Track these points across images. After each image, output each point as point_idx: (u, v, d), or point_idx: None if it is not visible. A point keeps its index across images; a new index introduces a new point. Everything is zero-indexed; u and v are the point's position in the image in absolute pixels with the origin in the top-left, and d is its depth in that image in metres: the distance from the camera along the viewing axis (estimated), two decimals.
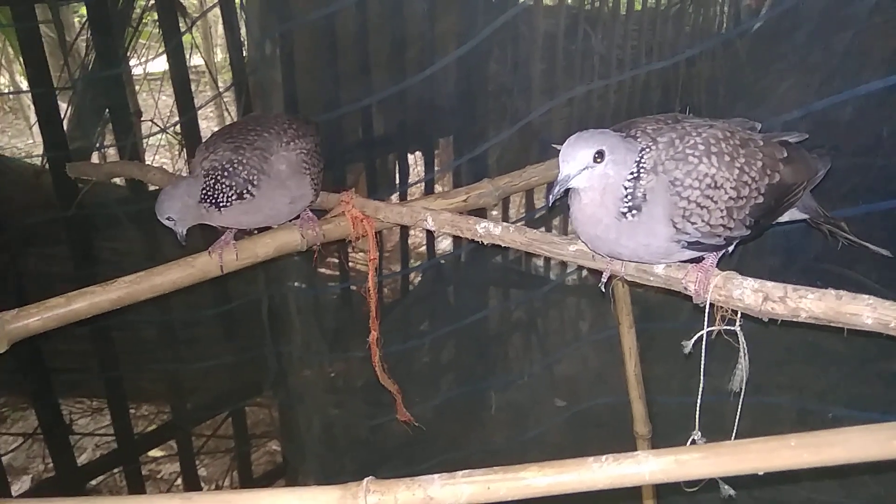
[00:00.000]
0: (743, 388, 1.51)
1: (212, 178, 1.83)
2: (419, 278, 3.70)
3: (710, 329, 1.45)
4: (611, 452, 1.14)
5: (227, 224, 1.92)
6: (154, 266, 1.80)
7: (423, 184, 3.86)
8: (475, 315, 2.74)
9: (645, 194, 1.39)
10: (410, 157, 3.93)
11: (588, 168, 1.38)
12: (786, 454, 1.01)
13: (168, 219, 1.86)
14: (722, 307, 1.43)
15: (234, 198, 1.83)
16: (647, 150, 1.42)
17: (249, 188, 1.84)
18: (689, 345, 1.48)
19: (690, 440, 1.51)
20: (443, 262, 3.32)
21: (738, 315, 1.42)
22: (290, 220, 1.98)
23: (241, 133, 1.91)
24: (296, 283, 3.01)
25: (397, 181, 3.72)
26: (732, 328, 1.44)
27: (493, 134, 2.83)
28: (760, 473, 1.02)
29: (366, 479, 1.12)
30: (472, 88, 3.19)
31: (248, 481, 4.11)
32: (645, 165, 1.40)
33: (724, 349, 1.51)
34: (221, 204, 1.83)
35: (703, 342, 1.46)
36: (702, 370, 1.50)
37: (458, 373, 2.85)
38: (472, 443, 2.71)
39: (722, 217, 1.40)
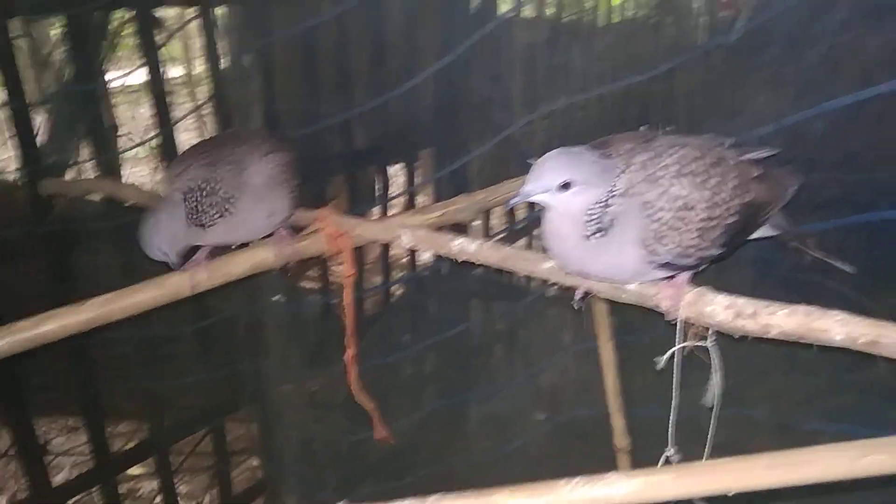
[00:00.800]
0: (716, 403, 1.52)
1: (193, 199, 1.81)
2: (401, 291, 3.69)
3: (681, 346, 1.45)
4: (591, 465, 1.14)
5: (212, 243, 1.90)
6: (130, 282, 1.78)
7: (403, 197, 3.87)
8: (456, 328, 2.74)
9: (613, 220, 1.39)
10: (391, 170, 3.94)
11: (550, 192, 1.38)
12: (759, 474, 1.02)
13: (161, 253, 1.81)
14: (694, 324, 1.43)
15: (216, 216, 1.81)
16: (622, 172, 1.42)
17: (227, 206, 1.82)
18: (661, 361, 1.48)
19: (664, 457, 1.52)
20: (424, 273, 3.31)
21: (710, 331, 1.43)
22: (266, 237, 1.96)
23: (214, 148, 1.90)
24: (275, 298, 2.99)
25: (378, 194, 3.72)
26: (703, 345, 1.44)
27: (474, 146, 2.83)
28: (730, 494, 1.02)
29: (340, 503, 1.11)
30: (452, 101, 3.20)
31: (228, 498, 4.06)
32: (617, 189, 1.40)
33: (703, 361, 1.52)
34: (206, 224, 1.81)
35: (676, 358, 1.47)
36: (674, 387, 1.50)
37: (440, 385, 2.84)
38: (454, 456, 2.70)
39: (694, 238, 1.40)
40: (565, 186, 1.37)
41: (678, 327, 1.44)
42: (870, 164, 1.84)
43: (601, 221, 1.39)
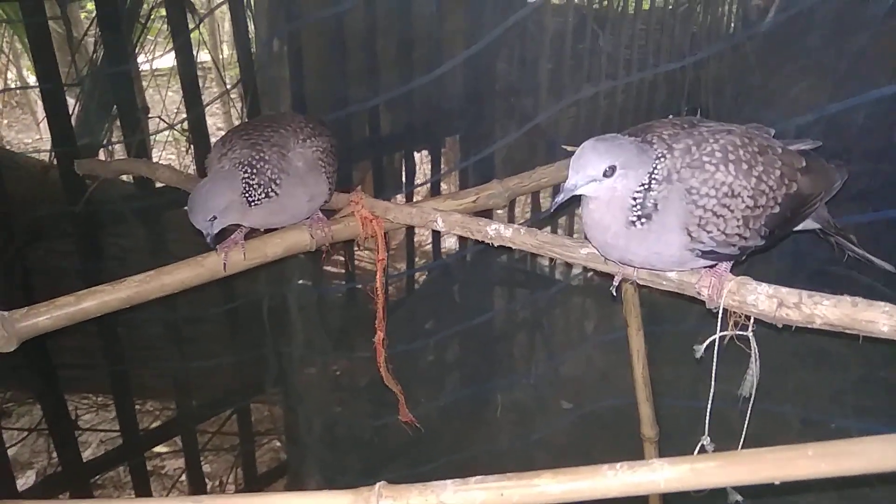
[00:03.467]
0: (753, 393, 1.50)
1: (246, 174, 1.80)
2: (424, 277, 3.68)
3: (722, 334, 1.43)
4: (617, 455, 1.13)
5: (254, 224, 1.90)
6: (159, 263, 1.78)
7: (429, 184, 3.85)
8: (481, 315, 2.73)
9: (656, 204, 1.37)
10: (417, 157, 3.92)
11: (596, 181, 1.37)
12: (802, 464, 1.00)
13: (210, 219, 1.76)
14: (735, 312, 1.41)
15: (262, 196, 1.80)
16: (662, 158, 1.39)
17: (273, 187, 1.82)
18: (700, 349, 1.46)
19: (700, 446, 1.50)
20: (448, 261, 3.30)
21: (751, 321, 1.41)
22: (300, 221, 1.96)
23: (256, 130, 1.90)
24: (301, 282, 3.00)
25: (404, 180, 3.70)
26: (745, 334, 1.42)
27: (500, 134, 2.81)
28: (776, 483, 1.01)
29: (378, 484, 1.11)
30: (479, 88, 3.17)
31: (252, 478, 4.10)
32: (658, 175, 1.37)
33: (730, 353, 1.50)
34: (253, 202, 1.81)
35: (715, 347, 1.45)
36: (713, 376, 1.48)
37: (464, 373, 2.83)
38: (478, 444, 2.69)
39: (738, 226, 1.38)
40: (611, 171, 1.36)
41: (719, 316, 1.42)
42: None
43: (644, 207, 1.37)
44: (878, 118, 1.83)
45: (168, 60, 3.79)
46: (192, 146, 3.58)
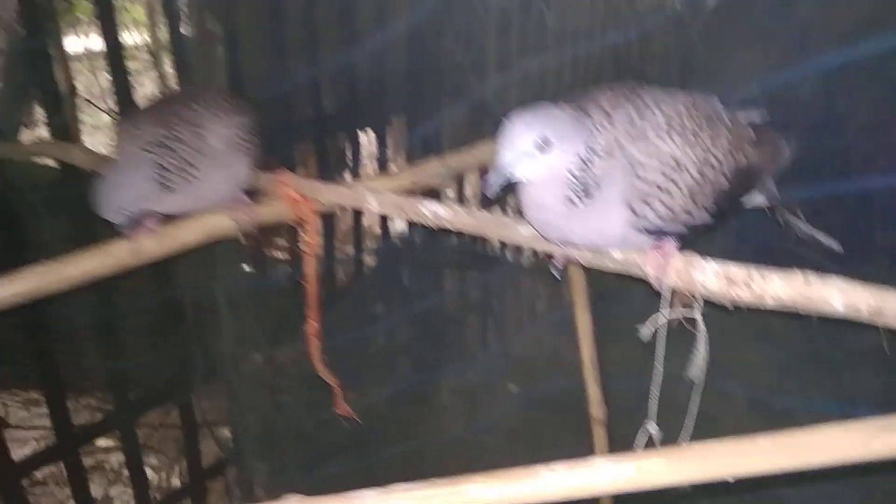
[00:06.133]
0: (701, 376, 1.39)
1: (158, 157, 1.61)
2: (373, 261, 3.52)
3: (668, 315, 1.32)
4: (566, 438, 1.00)
5: (171, 210, 1.71)
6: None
7: (375, 165, 3.69)
8: (429, 300, 2.59)
9: (597, 179, 1.24)
10: (363, 137, 3.75)
11: (529, 157, 1.23)
12: (757, 458, 0.89)
13: (121, 215, 1.59)
14: (682, 292, 1.30)
15: (179, 179, 1.62)
16: (601, 128, 1.26)
17: (189, 169, 1.64)
18: (646, 331, 1.35)
19: (643, 430, 1.40)
20: (397, 244, 3.14)
21: (699, 300, 1.30)
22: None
23: (167, 107, 1.71)
24: (241, 269, 2.81)
25: (349, 161, 3.53)
26: (691, 315, 1.31)
27: (447, 112, 2.66)
28: (730, 481, 0.90)
29: (292, 498, 0.96)
30: (424, 64, 3.01)
31: (198, 472, 3.91)
32: (597, 148, 1.25)
33: (679, 332, 1.39)
34: (171, 186, 1.62)
35: (662, 329, 1.34)
36: (657, 359, 1.38)
37: (412, 360, 2.70)
38: (426, 433, 2.57)
39: (684, 202, 1.26)
40: (543, 147, 1.22)
41: (665, 296, 1.31)
42: (859, 127, 1.71)
43: (585, 183, 1.24)
44: (823, 90, 1.74)
45: (100, 41, 3.52)
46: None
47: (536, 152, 1.22)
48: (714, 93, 1.69)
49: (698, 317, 1.31)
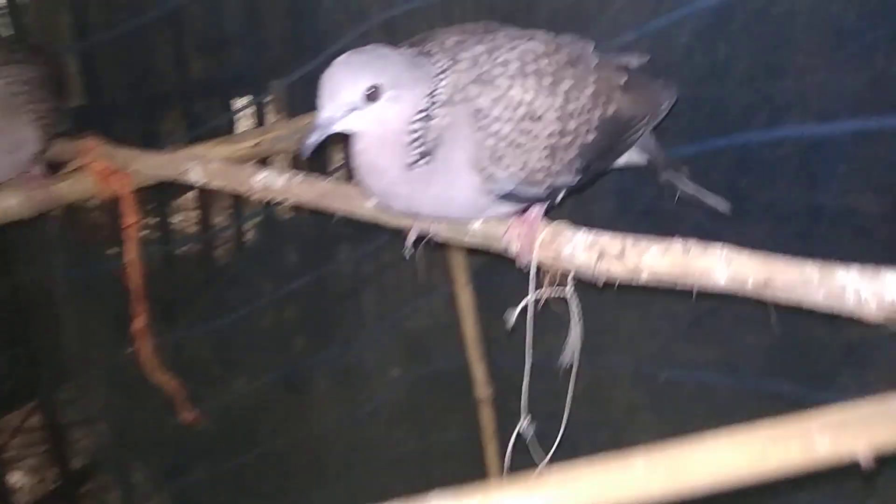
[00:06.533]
0: (575, 362, 1.21)
1: None
2: (250, 237, 3.18)
3: (534, 296, 1.12)
4: (452, 420, 0.77)
5: None
6: None
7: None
8: (300, 278, 2.30)
9: (438, 136, 1.02)
10: (238, 103, 3.35)
11: (358, 109, 1.00)
12: (633, 483, 0.69)
13: None
14: (551, 268, 1.09)
15: None
16: (445, 73, 1.04)
17: None
18: (512, 316, 1.14)
19: (516, 432, 1.22)
20: (266, 216, 2.78)
21: (569, 278, 1.10)
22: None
23: None
24: (78, 257, 2.42)
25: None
26: (561, 295, 1.11)
27: (296, 65, 2.33)
28: None
29: None
30: (303, 17, 2.65)
31: (68, 475, 3.52)
32: (440, 95, 1.03)
33: (556, 306, 1.19)
34: None
35: (529, 312, 1.13)
36: (527, 346, 1.18)
37: (283, 347, 2.41)
38: (301, 427, 2.31)
39: (543, 159, 1.04)
40: (373, 96, 0.99)
41: (531, 274, 1.10)
42: (741, 76, 1.56)
43: (425, 140, 1.02)
44: (704, 34, 1.56)
45: None
46: None
47: (364, 102, 0.99)
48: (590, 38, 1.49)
49: (570, 297, 1.11)
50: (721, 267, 0.96)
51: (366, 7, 2.31)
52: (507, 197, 1.06)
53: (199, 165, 1.36)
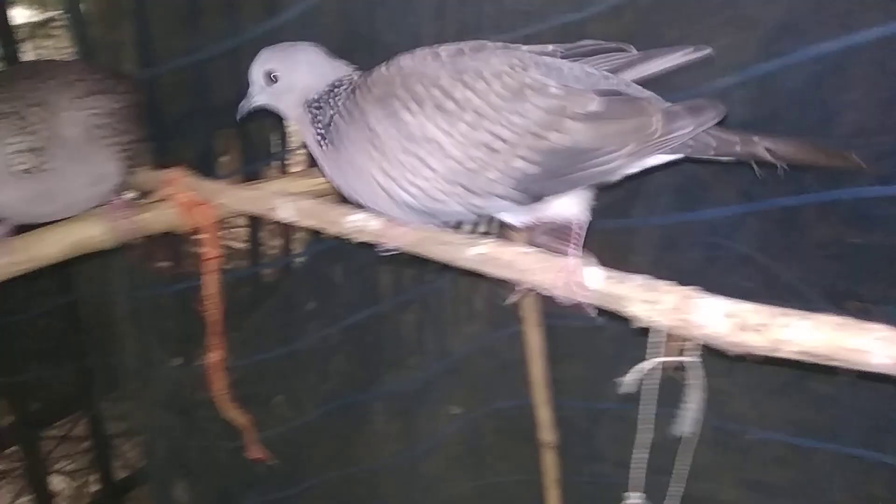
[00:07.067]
0: (690, 434, 1.10)
1: None
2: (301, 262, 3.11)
3: (655, 364, 1.02)
4: (512, 463, 0.68)
5: (14, 213, 1.29)
6: None
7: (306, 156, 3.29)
8: (360, 311, 2.22)
9: (337, 130, 1.17)
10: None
11: (261, 88, 1.27)
12: None
13: None
14: (676, 334, 0.99)
15: (21, 166, 1.23)
16: (352, 81, 1.20)
17: (34, 160, 1.22)
18: (628, 382, 1.04)
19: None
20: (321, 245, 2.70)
21: (695, 346, 1.00)
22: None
23: (9, 83, 1.28)
24: (141, 275, 2.37)
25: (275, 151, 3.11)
26: (690, 360, 1.01)
27: None
28: None
29: None
30: (358, 39, 2.60)
31: (109, 486, 3.50)
32: (338, 96, 1.19)
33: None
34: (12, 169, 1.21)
35: (649, 380, 1.03)
36: (641, 419, 1.08)
37: (339, 379, 2.33)
38: (356, 460, 2.22)
39: (439, 181, 1.07)
40: (272, 77, 1.25)
41: (651, 340, 1.00)
42: (853, 128, 1.45)
43: (325, 129, 1.19)
44: (815, 81, 1.46)
45: None
46: None
47: (268, 83, 1.26)
48: (683, 81, 1.41)
49: (694, 366, 1.01)
50: (879, 347, 0.85)
51: (421, 35, 2.23)
52: (417, 211, 1.12)
53: (290, 203, 1.30)
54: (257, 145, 3.43)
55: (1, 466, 3.71)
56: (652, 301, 1.00)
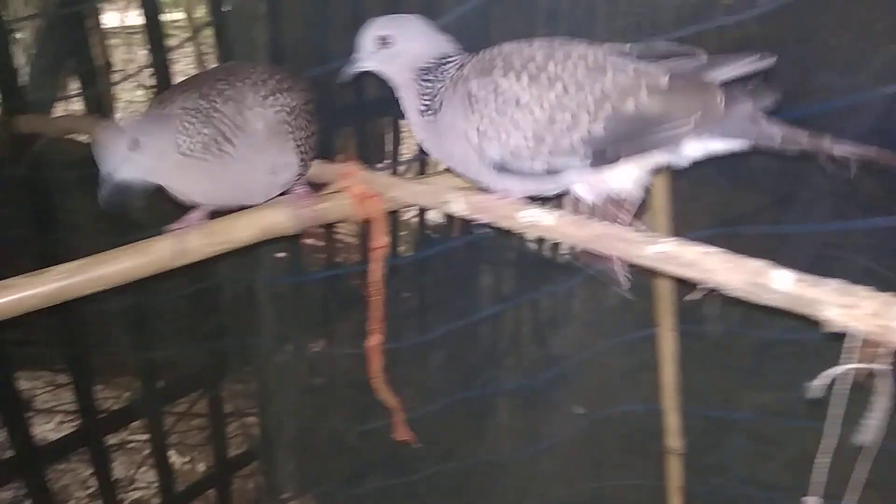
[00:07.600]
0: (873, 442, 1.08)
1: (189, 117, 1.35)
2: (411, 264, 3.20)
3: (848, 368, 1.00)
4: (635, 468, 0.69)
5: (185, 189, 1.41)
6: (121, 236, 1.40)
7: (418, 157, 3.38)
8: (485, 309, 2.27)
9: (442, 102, 1.27)
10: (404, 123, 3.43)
11: (370, 52, 1.31)
12: None
13: (132, 146, 1.31)
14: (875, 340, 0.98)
15: (198, 146, 1.35)
16: (462, 57, 1.30)
17: (221, 142, 1.35)
18: (818, 385, 1.03)
19: None
20: (442, 242, 2.80)
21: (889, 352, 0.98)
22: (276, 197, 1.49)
23: (204, 83, 1.42)
24: (282, 259, 2.50)
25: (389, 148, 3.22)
26: (883, 368, 0.99)
27: None
28: None
29: None
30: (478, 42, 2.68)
31: (223, 462, 3.67)
32: (447, 70, 1.28)
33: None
34: (184, 147, 1.34)
35: (841, 385, 1.02)
36: (830, 421, 1.06)
37: (462, 373, 2.38)
38: (476, 453, 2.27)
39: (529, 139, 1.21)
40: (384, 41, 1.29)
41: (847, 345, 0.99)
42: None
43: (431, 96, 1.27)
44: None
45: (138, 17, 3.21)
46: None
47: (378, 48, 1.29)
48: (846, 88, 1.37)
49: (887, 373, 0.99)
50: None
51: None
52: (502, 170, 1.24)
53: (462, 197, 1.35)
54: (372, 146, 3.54)
55: (125, 438, 3.98)
56: (849, 306, 0.99)
